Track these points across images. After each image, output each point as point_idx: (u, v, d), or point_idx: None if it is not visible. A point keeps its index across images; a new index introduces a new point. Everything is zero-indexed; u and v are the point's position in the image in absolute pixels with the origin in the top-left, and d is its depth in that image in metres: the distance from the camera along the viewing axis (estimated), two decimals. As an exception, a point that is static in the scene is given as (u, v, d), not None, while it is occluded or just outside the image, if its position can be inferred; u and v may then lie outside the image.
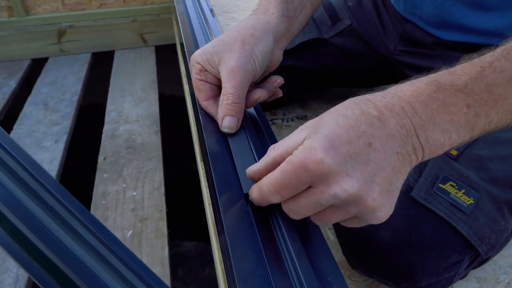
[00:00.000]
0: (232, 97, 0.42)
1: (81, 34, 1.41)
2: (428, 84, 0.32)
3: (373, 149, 0.29)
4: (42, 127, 1.17)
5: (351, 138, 0.29)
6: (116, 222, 0.94)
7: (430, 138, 0.30)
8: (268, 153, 0.34)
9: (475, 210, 0.42)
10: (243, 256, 0.29)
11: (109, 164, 1.08)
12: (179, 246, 1.56)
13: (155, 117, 1.23)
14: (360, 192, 0.29)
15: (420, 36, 0.61)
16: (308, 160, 0.29)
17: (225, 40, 0.45)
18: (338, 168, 0.28)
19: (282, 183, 0.30)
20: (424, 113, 0.30)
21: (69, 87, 1.30)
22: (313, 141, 0.29)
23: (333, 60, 0.69)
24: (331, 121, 0.30)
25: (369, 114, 0.30)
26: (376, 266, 0.43)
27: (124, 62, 1.42)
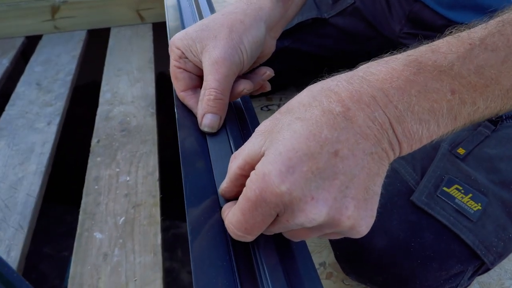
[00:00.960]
0: (215, 93, 0.38)
1: (76, 10, 1.36)
2: (406, 64, 0.26)
3: (340, 158, 0.24)
4: (35, 108, 1.14)
5: (312, 150, 0.24)
6: (108, 208, 0.91)
7: (408, 130, 0.26)
8: (230, 164, 0.30)
9: (482, 216, 0.38)
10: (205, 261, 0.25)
11: (103, 147, 1.05)
12: (179, 228, 1.55)
13: (151, 98, 1.18)
14: (331, 214, 0.24)
15: (428, 18, 0.55)
16: (265, 193, 0.24)
17: (210, 25, 0.40)
18: (300, 193, 0.24)
19: (247, 224, 0.26)
20: (401, 101, 0.25)
21: (63, 66, 1.26)
22: (266, 164, 0.24)
23: (333, 42, 0.64)
24: (287, 130, 0.25)
25: (331, 112, 0.25)
26: (370, 274, 0.40)
27: (120, 40, 1.37)
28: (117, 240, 0.87)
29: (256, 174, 0.25)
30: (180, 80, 0.41)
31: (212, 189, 0.32)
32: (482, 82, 0.26)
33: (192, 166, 0.34)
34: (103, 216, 0.91)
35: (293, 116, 0.26)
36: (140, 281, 0.80)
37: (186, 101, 0.41)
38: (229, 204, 0.30)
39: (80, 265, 0.77)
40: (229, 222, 0.27)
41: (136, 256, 0.85)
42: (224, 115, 0.39)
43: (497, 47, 0.26)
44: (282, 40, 0.61)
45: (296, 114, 0.26)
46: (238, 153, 0.29)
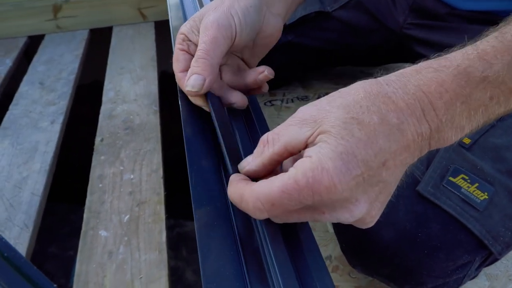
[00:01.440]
0: (200, 53, 0.37)
1: (78, 10, 1.36)
2: (456, 75, 0.27)
3: (386, 168, 0.26)
4: (38, 107, 1.14)
5: (368, 157, 0.25)
6: (113, 206, 0.91)
7: (443, 138, 0.27)
8: (262, 148, 0.29)
9: (489, 206, 0.37)
10: (214, 262, 0.25)
11: (106, 146, 1.05)
12: (183, 227, 1.55)
13: (154, 96, 1.18)
14: (364, 214, 0.26)
15: (432, 6, 0.55)
16: (318, 184, 0.25)
17: (209, 4, 0.41)
18: (349, 194, 0.25)
19: (278, 202, 0.26)
20: (445, 115, 0.27)
21: (66, 65, 1.26)
22: (325, 158, 0.25)
23: (336, 36, 0.64)
24: (345, 130, 0.26)
25: (389, 123, 0.26)
26: (377, 266, 0.40)
27: (123, 39, 1.37)
28: (122, 238, 0.87)
29: (313, 163, 0.25)
30: (180, 61, 0.41)
31: (219, 180, 0.32)
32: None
33: (198, 157, 0.34)
34: (108, 214, 0.91)
35: (348, 114, 0.26)
36: (145, 278, 0.80)
37: (180, 82, 0.41)
38: (236, 176, 0.30)
39: (86, 263, 0.77)
40: (256, 193, 0.27)
41: (141, 254, 0.85)
42: (210, 77, 0.38)
43: None
44: (285, 35, 0.61)
45: (351, 113, 0.26)
46: (274, 138, 0.29)
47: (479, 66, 0.27)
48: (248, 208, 0.27)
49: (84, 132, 1.11)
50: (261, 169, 0.29)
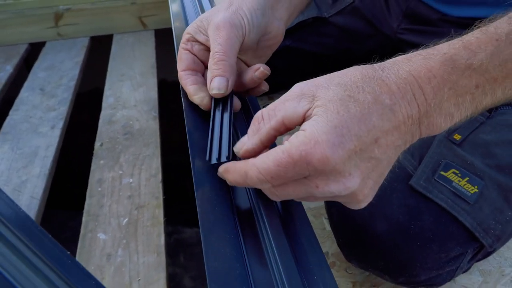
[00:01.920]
0: (218, 55, 0.38)
1: (79, 18, 1.38)
2: (442, 62, 0.29)
3: (378, 145, 0.27)
4: (38, 112, 1.15)
5: (361, 132, 0.27)
6: (111, 210, 0.92)
7: (431, 124, 0.28)
8: (257, 125, 0.30)
9: (479, 199, 0.39)
10: (218, 253, 0.26)
11: (106, 150, 1.06)
12: (181, 233, 1.55)
13: (153, 102, 1.20)
14: (357, 190, 0.27)
15: (425, 13, 0.57)
16: (311, 156, 0.26)
17: (215, 7, 0.43)
18: (342, 167, 0.26)
19: (276, 174, 0.27)
20: (433, 100, 0.28)
21: (67, 71, 1.28)
22: (319, 131, 0.26)
23: (333, 41, 0.66)
24: (341, 105, 0.27)
25: (382, 103, 0.27)
26: (372, 259, 0.41)
27: (123, 46, 1.39)
28: (121, 240, 0.87)
29: (307, 137, 0.26)
30: (183, 60, 0.42)
31: None
32: (503, 75, 0.29)
33: (199, 148, 0.35)
34: (107, 218, 0.92)
35: (344, 91, 0.28)
36: (143, 280, 0.81)
37: (182, 80, 0.41)
38: (231, 163, 0.30)
39: (84, 266, 0.78)
40: (256, 167, 0.28)
41: (140, 256, 0.85)
42: (231, 77, 0.39)
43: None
44: (284, 40, 0.62)
45: (348, 92, 0.28)
46: (270, 114, 0.29)
47: (464, 55, 0.28)
48: (254, 181, 0.28)
49: (83, 137, 1.12)
50: (259, 146, 0.30)
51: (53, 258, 0.22)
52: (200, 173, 0.32)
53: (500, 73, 0.28)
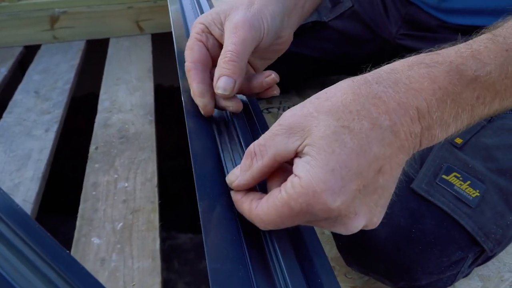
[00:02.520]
0: (230, 55, 0.37)
1: (75, 21, 1.38)
2: (448, 72, 0.26)
3: (382, 174, 0.25)
4: (32, 115, 1.14)
5: (362, 168, 0.24)
6: (106, 214, 0.91)
7: (431, 135, 0.27)
8: (250, 160, 0.28)
9: (480, 203, 0.38)
10: (220, 255, 0.26)
11: (101, 154, 1.05)
12: (175, 238, 1.53)
13: (149, 106, 1.19)
14: (365, 223, 0.26)
15: (424, 19, 0.57)
16: (312, 207, 0.24)
17: (232, 1, 0.41)
18: (347, 211, 0.25)
19: (281, 224, 0.26)
20: (436, 113, 0.26)
21: (62, 75, 1.27)
22: (316, 180, 0.24)
23: (332, 45, 0.66)
24: (335, 141, 0.24)
25: (380, 126, 0.25)
26: (372, 264, 0.40)
27: (119, 50, 1.39)
28: (115, 245, 0.86)
29: (304, 187, 0.24)
30: (195, 51, 0.39)
31: (218, 169, 0.33)
32: (503, 88, 0.27)
33: (200, 156, 0.34)
34: (101, 222, 0.91)
35: (338, 122, 0.25)
36: (138, 286, 0.79)
37: (190, 73, 0.39)
38: (242, 194, 0.30)
39: (78, 269, 0.76)
40: (261, 220, 0.27)
41: (135, 261, 0.84)
42: (239, 79, 0.38)
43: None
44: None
45: (341, 121, 0.25)
46: (262, 150, 0.28)
47: (472, 65, 0.26)
48: (260, 227, 0.28)
49: (78, 140, 1.11)
50: (251, 182, 0.29)
51: (50, 253, 0.21)
52: (202, 176, 0.32)
53: (501, 85, 0.27)
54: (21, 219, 0.22)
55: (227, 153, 0.36)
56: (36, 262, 0.21)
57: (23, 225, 0.22)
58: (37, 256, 0.21)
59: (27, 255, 0.21)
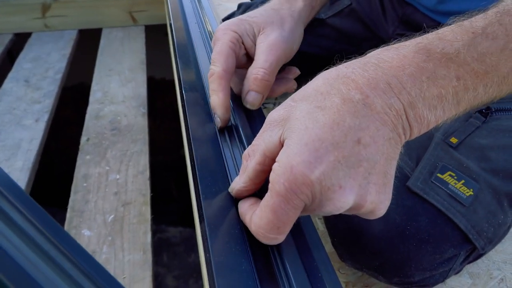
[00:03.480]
0: (262, 73, 0.38)
1: (67, 9, 1.36)
2: (416, 51, 0.27)
3: (363, 145, 0.25)
4: (22, 104, 1.12)
5: (337, 139, 0.25)
6: (97, 206, 0.90)
7: (418, 116, 0.27)
8: (245, 163, 0.29)
9: (474, 202, 0.39)
10: (223, 248, 0.26)
11: (92, 146, 1.04)
12: (165, 232, 1.53)
13: (142, 98, 1.18)
14: (356, 200, 0.25)
15: (420, 20, 0.58)
16: (294, 184, 0.24)
17: (264, 13, 0.42)
18: (329, 182, 0.24)
19: (279, 222, 0.26)
20: (413, 88, 0.26)
21: (53, 64, 1.25)
22: (292, 156, 0.24)
23: (330, 42, 0.66)
24: (309, 120, 0.25)
25: (351, 100, 0.25)
26: (367, 259, 0.41)
27: (112, 41, 1.37)
28: (106, 237, 0.85)
29: (282, 166, 0.25)
30: (229, 59, 0.39)
31: (222, 170, 0.33)
32: (483, 69, 0.27)
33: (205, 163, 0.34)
34: (92, 214, 0.90)
35: (311, 104, 0.26)
36: (129, 278, 0.79)
37: (219, 81, 0.38)
38: (247, 206, 0.29)
39: (68, 261, 0.76)
40: (258, 227, 0.27)
41: (125, 254, 0.84)
42: (265, 95, 0.39)
43: (496, 36, 0.27)
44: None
45: (314, 103, 0.26)
46: (254, 149, 0.28)
47: (438, 44, 0.27)
48: (266, 241, 0.27)
49: (69, 131, 1.10)
50: (249, 184, 0.29)
51: (44, 225, 0.21)
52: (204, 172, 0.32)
53: (480, 66, 0.27)
54: (16, 192, 0.22)
55: (227, 149, 0.36)
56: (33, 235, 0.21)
57: (15, 197, 0.22)
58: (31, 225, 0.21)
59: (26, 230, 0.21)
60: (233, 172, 0.34)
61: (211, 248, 0.25)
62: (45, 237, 0.21)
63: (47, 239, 0.21)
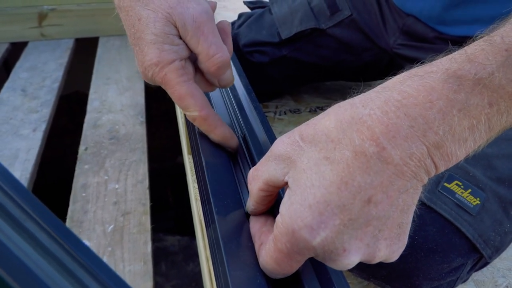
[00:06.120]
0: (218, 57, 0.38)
1: (64, 19, 1.35)
2: (445, 80, 0.24)
3: (374, 204, 0.23)
4: (19, 114, 1.11)
5: (344, 201, 0.23)
6: (96, 216, 0.89)
7: (446, 154, 0.24)
8: (250, 185, 0.29)
9: (481, 211, 0.39)
10: (238, 261, 0.26)
11: (91, 155, 1.03)
12: (162, 241, 1.52)
13: (140, 107, 1.18)
14: (363, 259, 0.24)
15: (421, 30, 0.59)
16: (296, 247, 0.24)
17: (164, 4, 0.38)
18: (332, 247, 0.23)
19: (284, 270, 0.26)
20: (441, 126, 0.23)
21: (50, 73, 1.24)
22: (295, 217, 0.23)
23: (330, 52, 0.66)
24: (315, 174, 0.23)
25: (364, 154, 0.23)
26: (374, 269, 0.41)
27: (109, 50, 1.37)
28: (106, 248, 0.85)
29: (284, 226, 0.24)
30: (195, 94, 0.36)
31: (232, 183, 0.33)
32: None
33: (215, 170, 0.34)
34: (91, 224, 0.89)
35: (319, 153, 0.24)
36: (129, 289, 0.78)
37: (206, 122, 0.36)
38: (257, 228, 0.29)
39: (68, 273, 0.75)
40: (265, 268, 0.27)
41: (126, 265, 0.83)
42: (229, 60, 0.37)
43: None
44: (281, 49, 0.63)
45: (323, 152, 0.24)
46: (257, 175, 0.28)
47: (470, 69, 0.24)
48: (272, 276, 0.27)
49: (67, 141, 1.09)
50: (257, 207, 0.29)
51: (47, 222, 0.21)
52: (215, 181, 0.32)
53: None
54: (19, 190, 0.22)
55: (235, 160, 0.36)
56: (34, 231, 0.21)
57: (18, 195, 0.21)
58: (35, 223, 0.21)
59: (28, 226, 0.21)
60: (242, 183, 0.34)
61: (227, 262, 0.25)
62: (49, 235, 0.21)
63: (51, 237, 0.21)
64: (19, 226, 0.21)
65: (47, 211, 0.23)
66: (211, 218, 0.31)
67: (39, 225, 0.21)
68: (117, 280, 0.20)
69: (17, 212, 0.21)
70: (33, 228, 0.21)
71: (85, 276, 0.20)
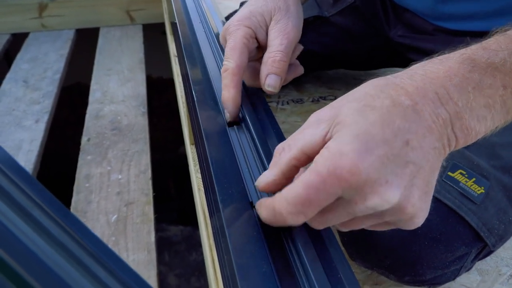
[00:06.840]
0: (280, 54, 0.39)
1: (64, 9, 1.35)
2: (461, 62, 0.27)
3: (411, 148, 0.25)
4: (22, 105, 1.11)
5: (387, 136, 0.24)
6: (100, 206, 0.90)
7: (465, 127, 0.26)
8: (278, 156, 0.28)
9: (485, 200, 0.39)
10: (243, 250, 0.26)
11: (93, 146, 1.04)
12: (165, 231, 1.53)
13: (142, 98, 1.18)
14: (401, 199, 0.25)
15: (420, 24, 0.58)
16: (340, 170, 0.24)
17: (268, 1, 0.43)
18: (376, 175, 0.24)
19: (307, 200, 0.25)
20: (460, 98, 0.26)
21: (51, 64, 1.24)
22: (342, 143, 0.24)
23: (333, 41, 0.66)
24: (358, 116, 0.25)
25: (401, 105, 0.26)
26: (378, 258, 0.41)
27: (110, 40, 1.36)
28: (110, 238, 0.85)
29: (331, 151, 0.24)
30: (243, 56, 0.39)
31: (237, 173, 0.32)
32: None
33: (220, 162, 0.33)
34: (95, 214, 0.90)
35: (360, 103, 0.26)
36: (133, 279, 0.79)
37: (231, 78, 0.39)
38: (265, 199, 0.29)
39: (73, 263, 0.75)
40: (284, 198, 0.26)
41: (130, 254, 0.83)
42: (284, 77, 0.40)
43: None
44: (283, 38, 0.62)
45: (363, 102, 0.26)
46: (290, 144, 0.28)
47: (483, 54, 0.27)
48: (283, 217, 0.26)
49: (70, 131, 1.09)
50: (280, 177, 0.28)
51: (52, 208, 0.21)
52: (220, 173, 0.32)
53: None
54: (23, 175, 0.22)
55: (238, 148, 0.36)
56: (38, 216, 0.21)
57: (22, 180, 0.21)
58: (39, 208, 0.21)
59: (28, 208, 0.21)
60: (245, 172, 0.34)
61: (232, 250, 0.25)
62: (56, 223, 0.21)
63: (59, 225, 0.21)
64: (26, 214, 0.21)
65: (55, 199, 0.23)
66: (215, 207, 0.31)
67: (46, 213, 0.21)
68: (123, 266, 0.21)
69: (23, 200, 0.21)
70: (40, 216, 0.21)
71: (93, 263, 0.20)
